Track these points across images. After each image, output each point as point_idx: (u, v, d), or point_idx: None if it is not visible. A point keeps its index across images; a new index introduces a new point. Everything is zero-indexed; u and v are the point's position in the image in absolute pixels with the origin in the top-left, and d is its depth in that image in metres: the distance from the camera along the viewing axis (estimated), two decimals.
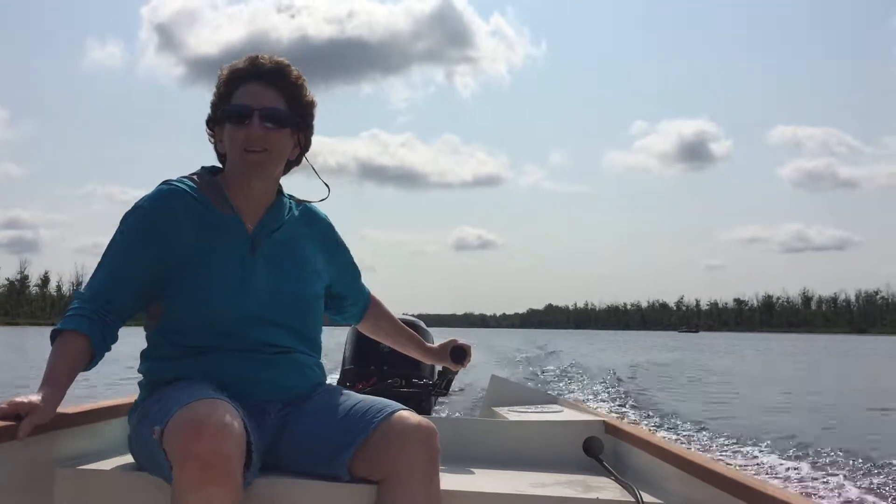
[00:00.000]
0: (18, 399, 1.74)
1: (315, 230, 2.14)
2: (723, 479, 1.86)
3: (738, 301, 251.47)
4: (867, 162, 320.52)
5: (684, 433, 9.11)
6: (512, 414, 3.07)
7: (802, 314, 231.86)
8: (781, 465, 7.20)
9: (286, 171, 2.07)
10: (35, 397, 1.74)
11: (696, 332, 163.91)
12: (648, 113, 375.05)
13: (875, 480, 6.32)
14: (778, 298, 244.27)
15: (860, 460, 7.17)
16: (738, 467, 6.39)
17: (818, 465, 7.09)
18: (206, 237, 1.95)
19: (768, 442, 8.20)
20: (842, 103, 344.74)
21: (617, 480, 2.27)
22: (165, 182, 2.02)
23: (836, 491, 5.84)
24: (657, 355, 29.66)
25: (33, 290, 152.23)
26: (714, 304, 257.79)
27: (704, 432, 9.18)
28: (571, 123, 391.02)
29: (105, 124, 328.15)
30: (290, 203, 2.10)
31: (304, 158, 2.09)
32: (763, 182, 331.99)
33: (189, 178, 2.03)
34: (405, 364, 3.84)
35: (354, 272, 2.28)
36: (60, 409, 1.83)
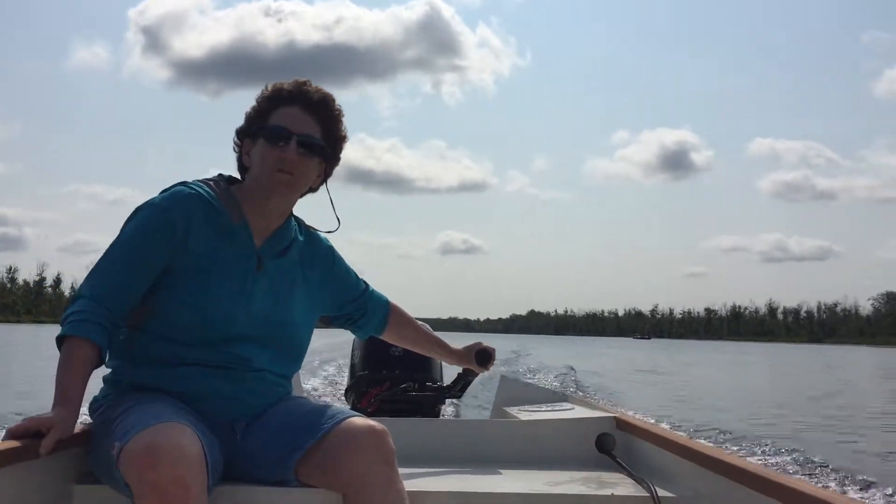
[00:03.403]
0: (37, 416, 1.68)
1: (317, 255, 2.08)
2: (735, 470, 1.82)
3: (708, 310, 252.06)
4: (845, 174, 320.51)
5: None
6: (523, 413, 3.01)
7: (767, 324, 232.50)
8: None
9: (302, 195, 2.01)
10: (53, 414, 1.67)
11: (649, 338, 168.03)
12: (630, 122, 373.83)
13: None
14: (745, 308, 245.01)
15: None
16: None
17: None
18: (216, 245, 1.88)
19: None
20: (820, 117, 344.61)
21: (631, 476, 2.23)
22: (183, 183, 1.94)
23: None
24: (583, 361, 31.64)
25: (48, 289, 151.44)
26: (687, 313, 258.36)
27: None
28: (555, 132, 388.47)
29: (90, 124, 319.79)
30: (296, 227, 2.04)
31: (324, 187, 2.04)
32: (743, 192, 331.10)
33: (206, 182, 1.96)
34: (417, 368, 3.73)
35: (359, 288, 2.22)
36: (77, 426, 1.76)
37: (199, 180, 1.97)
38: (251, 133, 1.95)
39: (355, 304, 2.21)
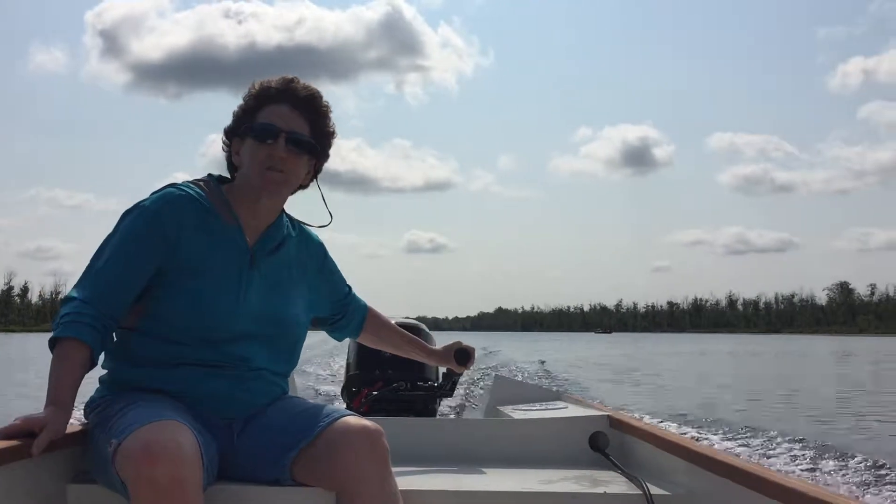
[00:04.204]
0: (30, 416, 1.66)
1: (309, 252, 2.08)
2: (727, 467, 1.84)
3: (670, 304, 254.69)
4: (803, 167, 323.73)
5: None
6: (517, 412, 3.00)
7: (728, 316, 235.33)
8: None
9: (293, 192, 2.01)
10: (46, 413, 1.66)
11: (610, 332, 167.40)
12: (592, 119, 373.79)
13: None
14: (706, 301, 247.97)
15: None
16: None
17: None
18: (208, 245, 1.86)
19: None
20: (778, 111, 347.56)
21: (624, 474, 2.25)
22: (172, 185, 1.92)
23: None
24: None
25: (16, 298, 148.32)
26: (650, 307, 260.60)
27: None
28: (519, 130, 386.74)
29: (49, 128, 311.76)
30: (288, 223, 2.04)
31: (314, 183, 2.05)
32: (704, 186, 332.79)
33: (196, 183, 1.94)
34: (410, 367, 3.69)
35: (345, 290, 2.22)
36: (70, 426, 1.74)
37: (189, 181, 1.95)
38: (239, 132, 1.93)
39: (338, 305, 2.20)
